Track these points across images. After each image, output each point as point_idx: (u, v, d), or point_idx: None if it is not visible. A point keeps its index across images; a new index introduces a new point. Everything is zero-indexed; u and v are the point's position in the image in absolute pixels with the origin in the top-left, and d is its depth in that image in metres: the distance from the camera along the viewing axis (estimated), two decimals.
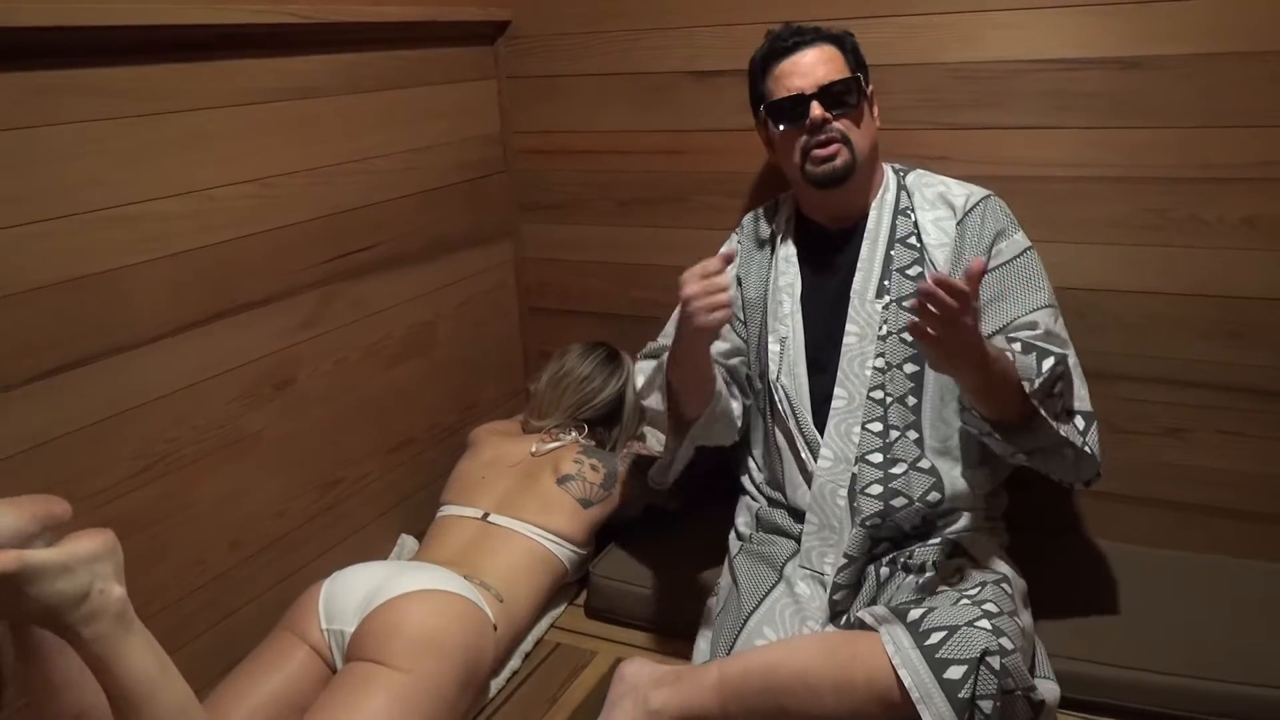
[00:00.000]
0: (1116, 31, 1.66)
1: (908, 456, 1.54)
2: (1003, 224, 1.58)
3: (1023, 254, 1.56)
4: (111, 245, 1.39)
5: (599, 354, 2.07)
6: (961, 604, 1.31)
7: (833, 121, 1.54)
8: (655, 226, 2.16)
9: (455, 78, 2.07)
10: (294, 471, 1.74)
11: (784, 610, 1.52)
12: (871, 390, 1.57)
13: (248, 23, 1.53)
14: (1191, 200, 1.69)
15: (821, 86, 1.54)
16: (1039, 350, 1.44)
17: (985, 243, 1.56)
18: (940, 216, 1.60)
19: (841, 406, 1.58)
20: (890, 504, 1.51)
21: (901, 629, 1.29)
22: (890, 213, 1.62)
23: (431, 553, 1.75)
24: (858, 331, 1.59)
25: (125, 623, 1.07)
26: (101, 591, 1.04)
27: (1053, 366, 1.41)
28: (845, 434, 1.57)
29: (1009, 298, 1.53)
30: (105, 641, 1.05)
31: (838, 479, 1.56)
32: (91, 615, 1.03)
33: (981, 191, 1.61)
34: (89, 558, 1.04)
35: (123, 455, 1.43)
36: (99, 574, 1.04)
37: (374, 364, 1.90)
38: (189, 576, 1.55)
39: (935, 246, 1.58)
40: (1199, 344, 1.74)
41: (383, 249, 1.89)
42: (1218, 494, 1.79)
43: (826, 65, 1.56)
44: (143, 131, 1.42)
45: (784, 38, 1.59)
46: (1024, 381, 1.38)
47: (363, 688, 1.39)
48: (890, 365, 1.57)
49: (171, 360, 1.49)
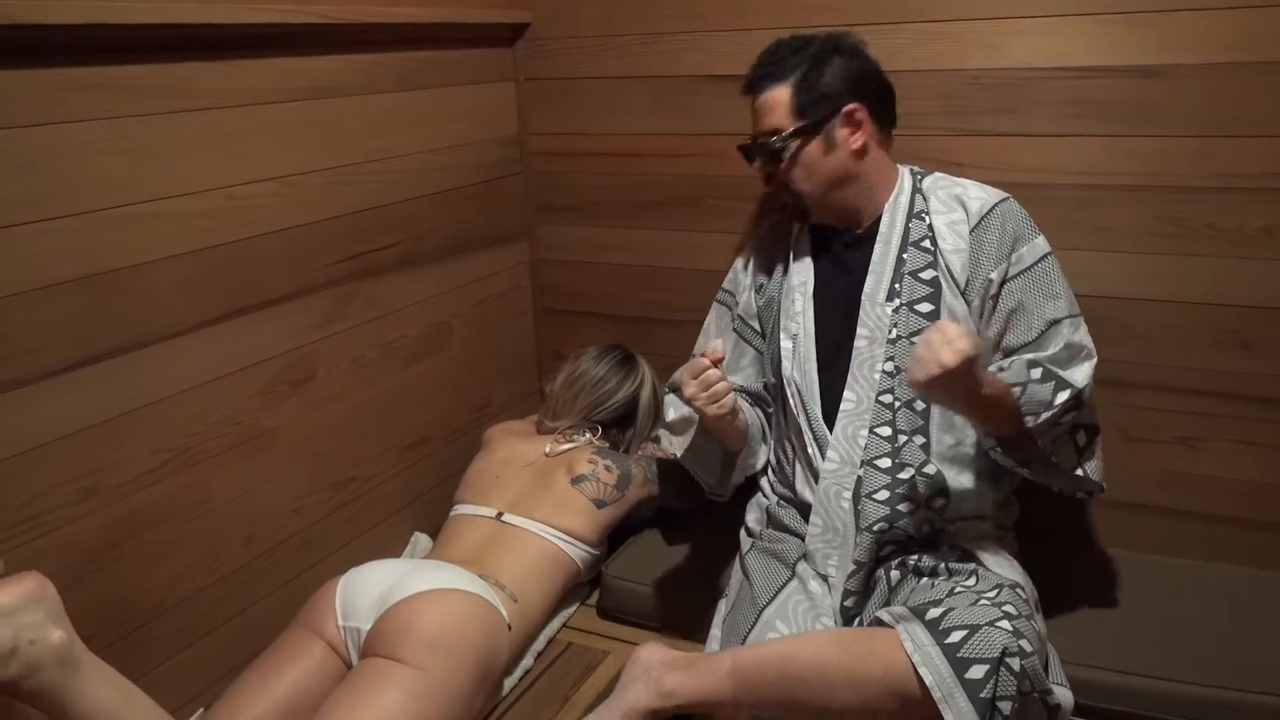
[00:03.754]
0: (1135, 40, 1.67)
1: (914, 461, 1.53)
2: (1021, 229, 1.54)
3: (1042, 260, 1.53)
4: (132, 242, 1.40)
5: (614, 356, 2.08)
6: (981, 604, 1.31)
7: (774, 175, 1.58)
8: (670, 229, 2.17)
9: (473, 79, 2.08)
10: (310, 468, 1.75)
11: (797, 606, 1.52)
12: (880, 394, 1.56)
13: (270, 22, 1.54)
14: (1208, 209, 1.69)
15: (756, 142, 1.58)
16: (1057, 381, 1.43)
17: (1004, 250, 1.53)
18: (955, 220, 1.57)
19: (850, 409, 1.57)
20: (897, 509, 1.51)
21: (920, 627, 1.29)
22: (904, 215, 1.60)
23: (446, 551, 1.76)
24: (868, 335, 1.58)
25: (72, 665, 1.01)
26: (33, 642, 0.98)
27: (1065, 401, 1.41)
28: (852, 437, 1.56)
29: (1029, 309, 1.50)
30: (53, 691, 1.00)
31: (842, 481, 1.55)
32: (27, 669, 0.98)
33: (998, 194, 1.58)
34: (4, 612, 0.97)
35: (142, 449, 1.44)
36: (24, 625, 0.98)
37: (391, 362, 1.91)
38: (205, 571, 1.56)
39: (950, 251, 1.56)
40: (1212, 353, 1.74)
41: (401, 248, 1.90)
42: (1230, 503, 1.78)
43: (768, 116, 1.56)
44: (164, 129, 1.43)
45: (752, 69, 1.60)
46: (1028, 416, 1.40)
47: (378, 684, 1.41)
48: (899, 369, 1.55)
49: (191, 356, 1.50)
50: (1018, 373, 1.43)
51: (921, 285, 1.56)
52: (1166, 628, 1.60)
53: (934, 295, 1.55)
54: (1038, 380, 1.42)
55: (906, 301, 1.56)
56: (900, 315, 1.56)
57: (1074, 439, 1.49)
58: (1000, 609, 1.29)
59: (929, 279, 1.56)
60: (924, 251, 1.58)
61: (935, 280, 1.55)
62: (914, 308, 1.55)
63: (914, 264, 1.57)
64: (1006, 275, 1.51)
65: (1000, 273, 1.51)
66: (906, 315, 1.56)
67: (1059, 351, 1.47)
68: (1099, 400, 1.80)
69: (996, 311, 1.52)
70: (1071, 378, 1.44)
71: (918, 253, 1.58)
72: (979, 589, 1.40)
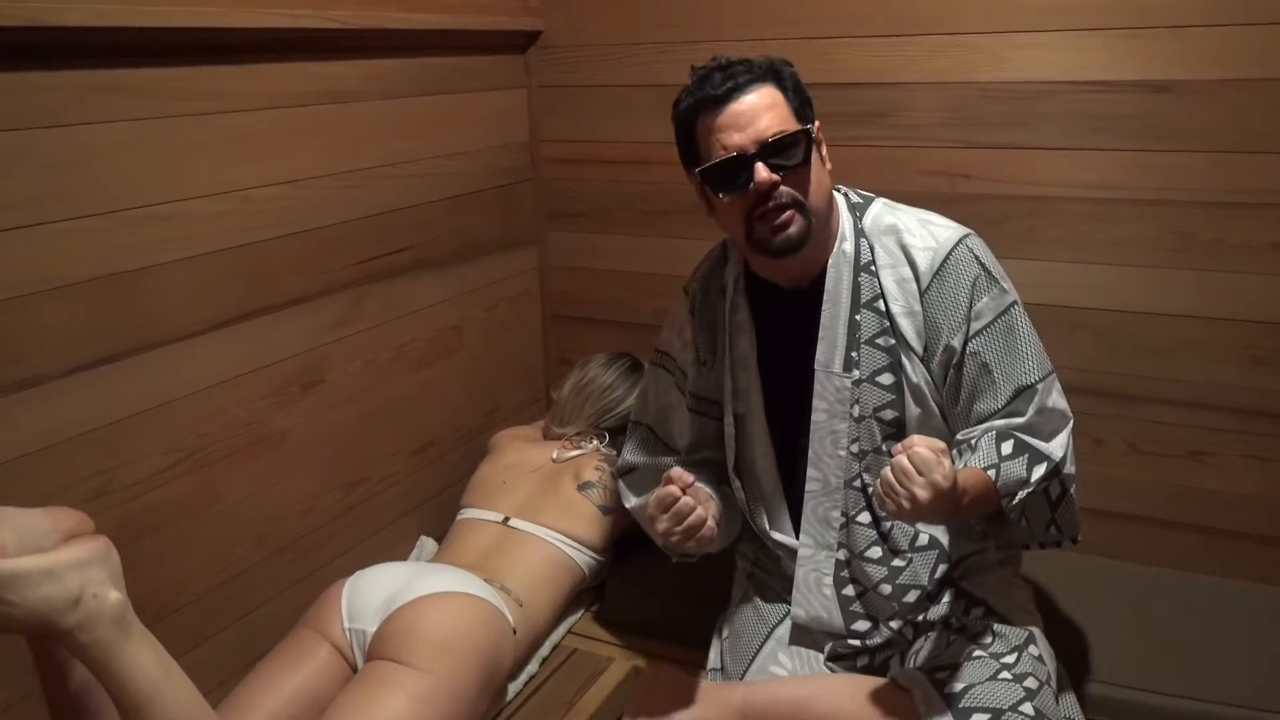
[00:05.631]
0: (1149, 55, 1.67)
1: (906, 541, 1.43)
2: (979, 280, 1.35)
3: (1005, 313, 1.36)
4: (147, 243, 1.41)
5: (622, 364, 2.08)
6: (1001, 678, 1.28)
7: (781, 184, 1.31)
8: (679, 237, 2.17)
9: (486, 85, 2.09)
10: (320, 470, 1.75)
11: (800, 636, 1.51)
12: (851, 479, 1.43)
13: (287, 27, 1.56)
14: (1220, 224, 1.69)
15: (764, 143, 1.29)
16: (1031, 454, 1.30)
17: (963, 310, 1.35)
18: (903, 278, 1.39)
19: (817, 490, 1.44)
20: (904, 601, 1.42)
21: (938, 698, 1.27)
22: (850, 270, 1.40)
23: (452, 555, 1.77)
24: (826, 408, 1.42)
25: (124, 627, 1.05)
26: (95, 596, 1.02)
27: (1042, 475, 1.30)
28: (824, 518, 1.45)
29: (994, 372, 1.35)
30: (104, 647, 1.04)
31: (820, 567, 1.46)
32: (86, 621, 1.02)
33: (950, 236, 1.38)
34: (76, 563, 1.02)
35: (154, 450, 1.45)
36: (90, 579, 1.02)
37: (401, 366, 1.92)
38: (214, 571, 1.57)
39: (902, 314, 1.38)
40: (1224, 368, 1.74)
41: (413, 253, 1.91)
42: (1240, 518, 1.78)
43: (768, 114, 1.31)
44: (180, 132, 1.44)
45: (715, 83, 1.32)
46: (1004, 498, 1.29)
47: (383, 686, 1.41)
48: (866, 451, 1.42)
49: (204, 357, 1.51)
50: (987, 451, 1.31)
51: (879, 354, 1.40)
52: (1176, 643, 1.59)
53: (894, 365, 1.40)
54: (1010, 456, 1.30)
55: (867, 375, 1.40)
56: (862, 390, 1.41)
57: (1046, 493, 1.35)
58: (1022, 684, 1.27)
59: (886, 346, 1.40)
60: (878, 314, 1.40)
61: (894, 349, 1.40)
62: (875, 379, 1.40)
63: (869, 329, 1.40)
64: (968, 335, 1.36)
65: (961, 337, 1.36)
66: (869, 390, 1.41)
67: (1032, 419, 1.33)
68: (1107, 412, 1.81)
69: (963, 378, 1.37)
70: (1048, 450, 1.32)
71: (871, 315, 1.40)
72: (996, 651, 1.35)
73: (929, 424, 1.41)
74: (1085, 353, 1.80)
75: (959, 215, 1.46)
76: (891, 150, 1.88)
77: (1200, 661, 1.54)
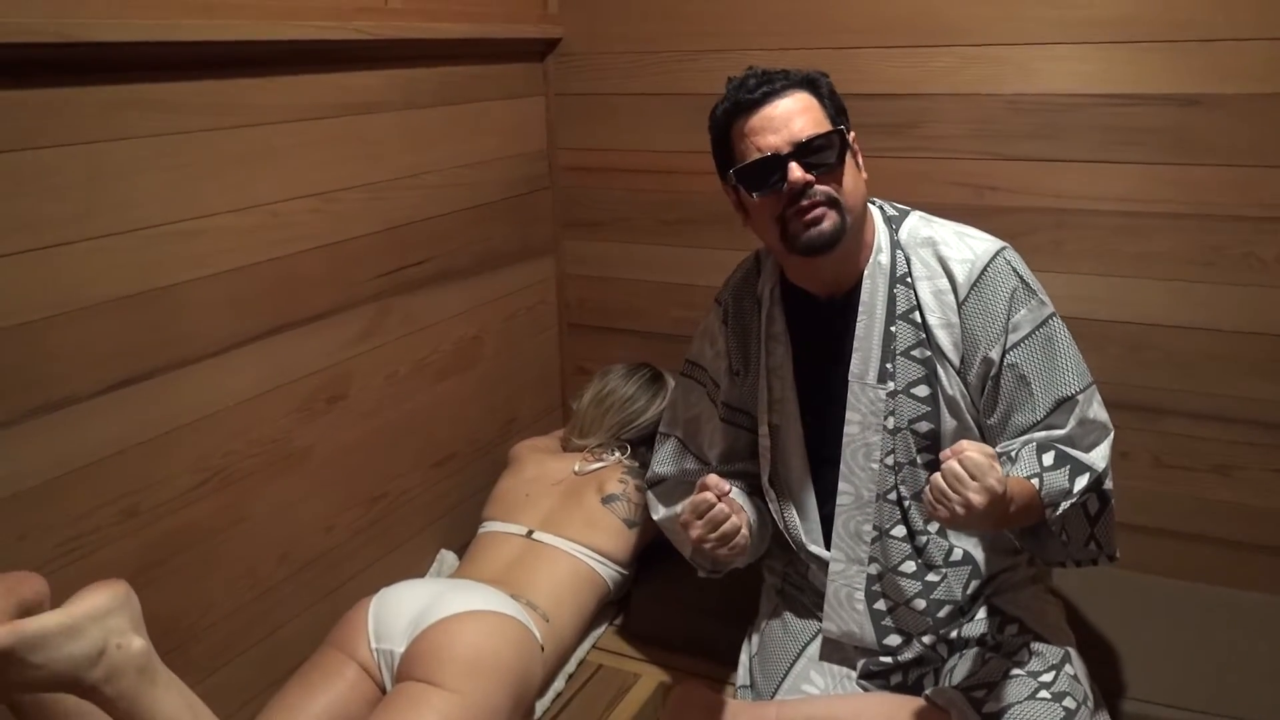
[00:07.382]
0: (1177, 68, 1.66)
1: (940, 556, 1.43)
2: (1016, 291, 1.36)
3: (1043, 325, 1.36)
4: (173, 260, 1.39)
5: (643, 375, 2.07)
6: (1040, 698, 1.28)
7: (815, 184, 1.32)
8: (697, 246, 2.16)
9: (505, 94, 2.07)
10: (342, 486, 1.74)
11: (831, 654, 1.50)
12: (885, 492, 1.43)
13: (311, 39, 1.53)
14: (1247, 238, 1.69)
15: (799, 143, 1.31)
16: (1073, 465, 1.30)
17: (1000, 323, 1.36)
18: (940, 289, 1.39)
19: (849, 503, 1.44)
20: (937, 616, 1.42)
21: (977, 718, 1.26)
22: (886, 281, 1.41)
23: (476, 569, 1.75)
24: (860, 420, 1.42)
25: (149, 675, 1.02)
26: (119, 646, 0.99)
27: (1085, 486, 1.29)
28: (855, 533, 1.44)
29: (1033, 384, 1.35)
30: (130, 698, 1.01)
31: (851, 582, 1.45)
32: (112, 673, 0.99)
33: (987, 249, 1.39)
34: (97, 614, 0.98)
35: (182, 469, 1.43)
36: (112, 629, 0.99)
37: (422, 378, 1.90)
38: (240, 590, 1.55)
39: (939, 326, 1.39)
40: (1250, 381, 1.74)
41: (434, 264, 1.89)
42: (1266, 531, 1.78)
43: (803, 117, 1.33)
44: (206, 146, 1.42)
45: (750, 88, 1.35)
46: (1048, 508, 1.28)
47: (415, 708, 1.39)
48: (901, 464, 1.42)
49: (230, 374, 1.49)
50: (1028, 461, 1.30)
51: (915, 365, 1.41)
52: (1204, 657, 1.59)
53: (929, 377, 1.40)
54: (1051, 466, 1.29)
55: (902, 387, 1.41)
56: (897, 401, 1.41)
57: (1085, 507, 1.35)
58: (1061, 704, 1.27)
59: (922, 358, 1.40)
60: (914, 326, 1.41)
61: (929, 360, 1.40)
62: (910, 391, 1.41)
63: (905, 340, 1.41)
64: (1006, 347, 1.36)
65: (999, 349, 1.36)
66: (904, 401, 1.41)
67: (1072, 431, 1.34)
68: (1133, 425, 1.81)
69: (1000, 390, 1.37)
70: (1090, 460, 1.32)
71: (907, 326, 1.41)
72: (1034, 670, 1.35)
73: (964, 437, 1.40)
74: (1111, 366, 1.79)
75: (985, 227, 1.46)
76: (918, 161, 1.87)
77: (1231, 677, 1.54)
